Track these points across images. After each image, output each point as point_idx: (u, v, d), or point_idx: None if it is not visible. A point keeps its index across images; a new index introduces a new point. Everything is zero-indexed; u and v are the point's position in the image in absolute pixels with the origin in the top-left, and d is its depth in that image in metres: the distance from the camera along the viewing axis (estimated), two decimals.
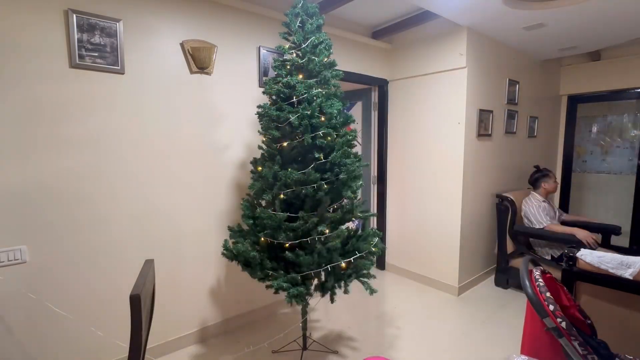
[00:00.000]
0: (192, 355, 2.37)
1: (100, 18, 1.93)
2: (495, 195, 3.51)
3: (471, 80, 3.07)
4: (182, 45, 2.26)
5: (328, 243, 1.89)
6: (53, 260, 1.92)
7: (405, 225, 3.67)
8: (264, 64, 2.63)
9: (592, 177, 4.59)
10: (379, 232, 2.21)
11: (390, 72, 3.62)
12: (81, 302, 2.02)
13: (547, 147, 4.41)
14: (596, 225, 3.36)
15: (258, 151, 2.42)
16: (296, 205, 2.00)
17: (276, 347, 2.40)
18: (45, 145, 1.84)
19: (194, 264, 2.45)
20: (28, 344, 1.88)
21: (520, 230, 3.24)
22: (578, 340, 1.31)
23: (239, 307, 2.73)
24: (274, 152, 2.00)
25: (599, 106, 4.47)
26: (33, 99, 1.80)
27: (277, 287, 1.90)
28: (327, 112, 1.95)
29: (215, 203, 2.51)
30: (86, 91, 1.94)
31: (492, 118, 3.36)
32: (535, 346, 1.49)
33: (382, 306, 3.07)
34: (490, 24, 2.90)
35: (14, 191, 1.78)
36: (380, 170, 3.78)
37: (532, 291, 1.41)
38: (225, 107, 2.49)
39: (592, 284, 1.78)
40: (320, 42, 2.00)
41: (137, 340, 1.13)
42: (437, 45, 3.19)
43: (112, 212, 2.08)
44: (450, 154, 3.19)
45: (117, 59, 2.00)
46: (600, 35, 3.12)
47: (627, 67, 3.92)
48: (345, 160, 1.98)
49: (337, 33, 3.07)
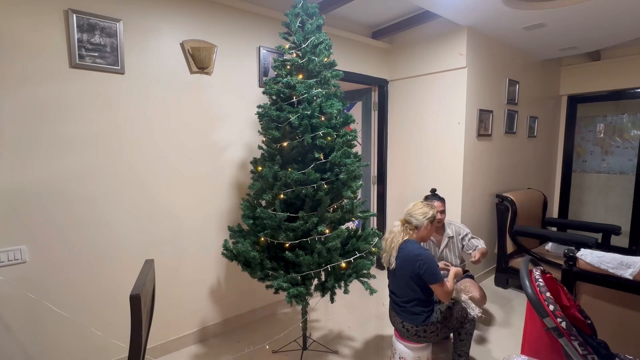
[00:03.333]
0: (192, 355, 2.37)
1: (100, 18, 1.93)
2: (495, 195, 3.51)
3: (471, 80, 3.07)
4: (182, 45, 2.26)
5: (328, 243, 1.89)
6: (53, 260, 1.92)
7: None
8: (264, 64, 2.63)
9: (592, 177, 4.59)
10: (379, 232, 2.21)
11: (390, 72, 3.62)
12: (81, 302, 2.02)
13: (547, 147, 4.42)
14: (596, 225, 3.36)
15: (258, 151, 2.41)
16: (296, 205, 2.00)
17: (276, 347, 2.40)
18: (45, 145, 1.84)
19: (194, 263, 2.45)
20: (28, 343, 1.88)
21: (520, 230, 3.24)
22: (578, 340, 1.31)
23: (239, 307, 2.73)
24: (274, 152, 2.00)
25: (599, 106, 4.47)
26: (33, 99, 1.80)
27: (277, 287, 1.90)
28: (327, 112, 1.95)
29: (215, 203, 2.51)
30: (86, 91, 1.94)
31: (492, 118, 3.36)
32: (535, 346, 1.49)
33: (382, 306, 3.07)
34: (490, 24, 2.90)
35: (14, 191, 1.78)
36: (380, 170, 3.78)
37: (532, 291, 1.41)
38: (225, 107, 2.49)
39: (592, 284, 1.78)
40: (320, 42, 2.00)
41: (137, 340, 1.13)
42: (437, 45, 3.19)
43: (112, 212, 2.08)
44: (450, 154, 3.19)
45: (117, 59, 2.00)
46: (600, 35, 3.12)
47: (627, 67, 3.92)
48: (345, 160, 1.98)
49: (337, 33, 3.07)
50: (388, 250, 1.97)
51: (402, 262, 1.89)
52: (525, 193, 3.60)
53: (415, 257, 1.84)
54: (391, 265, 1.95)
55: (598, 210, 4.56)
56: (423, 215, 1.93)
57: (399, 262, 1.91)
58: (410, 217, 1.95)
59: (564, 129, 4.58)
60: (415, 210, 1.95)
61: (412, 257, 1.85)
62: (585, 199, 4.66)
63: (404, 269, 1.89)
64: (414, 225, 1.94)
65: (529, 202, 3.53)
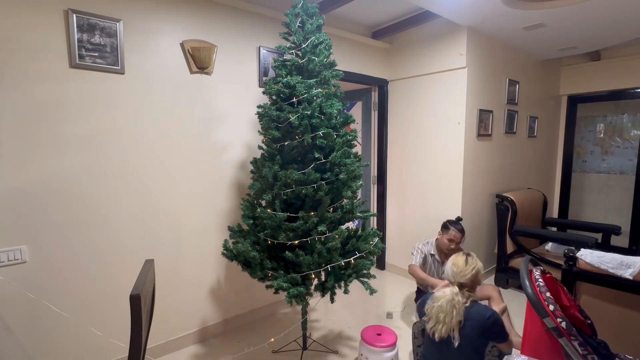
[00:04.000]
0: (192, 355, 2.37)
1: (100, 18, 1.93)
2: (495, 195, 3.51)
3: (471, 80, 3.07)
4: (182, 45, 2.26)
5: (328, 243, 1.89)
6: (53, 260, 1.92)
7: (405, 225, 3.67)
8: (264, 64, 2.63)
9: (592, 177, 4.59)
10: (379, 232, 2.21)
11: (390, 72, 3.62)
12: (81, 302, 2.02)
13: (547, 147, 4.42)
14: (596, 225, 3.36)
15: (258, 151, 2.42)
16: (296, 205, 2.00)
17: (276, 347, 2.40)
18: (45, 145, 1.84)
19: (194, 263, 2.45)
20: (28, 343, 1.88)
21: (520, 230, 3.24)
22: (578, 340, 1.31)
23: (239, 307, 2.73)
24: (274, 152, 2.00)
25: (599, 106, 4.47)
26: (33, 99, 1.80)
27: (277, 287, 1.90)
28: (327, 112, 1.95)
29: (215, 203, 2.51)
30: (86, 91, 1.94)
31: (492, 118, 3.36)
32: (535, 346, 1.49)
33: (382, 306, 3.07)
34: (490, 24, 2.90)
35: (15, 191, 1.78)
36: (380, 170, 3.78)
37: (532, 291, 1.41)
38: (225, 107, 2.49)
39: (592, 284, 1.78)
40: (320, 42, 2.00)
41: (137, 340, 1.13)
42: (437, 45, 3.19)
43: (112, 211, 2.08)
44: (450, 154, 3.19)
45: (117, 59, 2.00)
46: (600, 35, 3.12)
47: (627, 67, 3.92)
48: (345, 160, 1.98)
49: (337, 33, 3.07)
50: (447, 323, 1.56)
51: (472, 329, 1.56)
52: (525, 193, 3.60)
53: (488, 318, 1.57)
54: (455, 341, 1.54)
55: (598, 210, 4.56)
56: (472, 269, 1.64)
57: (467, 330, 1.56)
58: (463, 279, 1.63)
59: (564, 129, 4.59)
60: (463, 270, 1.64)
61: (484, 319, 1.56)
62: (585, 199, 4.66)
63: (471, 336, 1.56)
64: (469, 285, 1.64)
65: (529, 202, 3.53)
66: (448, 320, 1.56)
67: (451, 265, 1.69)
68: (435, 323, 1.59)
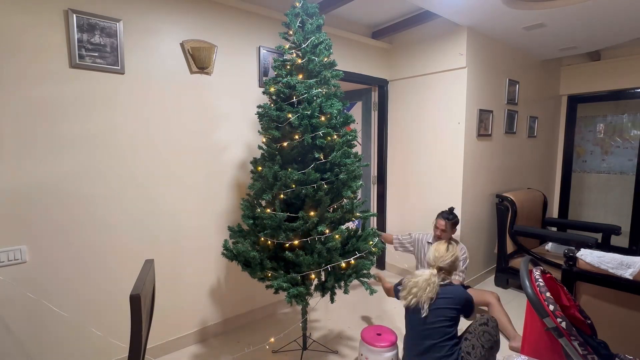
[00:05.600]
0: (192, 355, 2.37)
1: (100, 18, 1.93)
2: (495, 195, 3.51)
3: (471, 80, 3.07)
4: (182, 45, 2.26)
5: (328, 243, 1.89)
6: (53, 260, 1.91)
7: (405, 225, 3.66)
8: (264, 64, 2.63)
9: (592, 177, 4.59)
10: (378, 232, 2.21)
11: (390, 72, 3.62)
12: (81, 302, 2.02)
13: (547, 147, 4.42)
14: (596, 225, 3.36)
15: (258, 151, 2.42)
16: (296, 205, 2.00)
17: (276, 347, 2.40)
18: (45, 145, 1.84)
19: (194, 263, 2.45)
20: (28, 344, 1.88)
21: (520, 230, 3.24)
22: (578, 340, 1.31)
23: (239, 307, 2.73)
24: (274, 152, 2.00)
25: (599, 106, 4.47)
26: (33, 99, 1.80)
27: (277, 287, 1.90)
28: (327, 112, 1.95)
29: (215, 203, 2.51)
30: (86, 91, 1.94)
31: (492, 118, 3.36)
32: (535, 346, 1.49)
33: (382, 306, 3.07)
34: (490, 24, 2.90)
35: (15, 191, 1.78)
36: (380, 170, 3.78)
37: (532, 291, 1.42)
38: (225, 107, 2.49)
39: (592, 284, 1.78)
40: (320, 42, 2.00)
41: (137, 340, 1.13)
42: (437, 45, 3.19)
43: (112, 211, 2.08)
44: (450, 154, 3.19)
45: (117, 59, 2.00)
46: (600, 35, 3.12)
47: (627, 67, 3.92)
48: (345, 160, 1.98)
49: (337, 33, 3.07)
50: (418, 297, 1.79)
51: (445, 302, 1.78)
52: (525, 193, 3.60)
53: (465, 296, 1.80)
54: (423, 312, 1.76)
55: (598, 210, 4.56)
56: (451, 255, 1.86)
57: (440, 303, 1.77)
58: (442, 264, 1.84)
59: (564, 129, 4.59)
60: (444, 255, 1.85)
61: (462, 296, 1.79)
62: (585, 199, 4.66)
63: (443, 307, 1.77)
64: (447, 269, 1.85)
65: (529, 202, 3.53)
66: (420, 294, 1.79)
67: (434, 250, 1.90)
68: (406, 293, 1.84)
